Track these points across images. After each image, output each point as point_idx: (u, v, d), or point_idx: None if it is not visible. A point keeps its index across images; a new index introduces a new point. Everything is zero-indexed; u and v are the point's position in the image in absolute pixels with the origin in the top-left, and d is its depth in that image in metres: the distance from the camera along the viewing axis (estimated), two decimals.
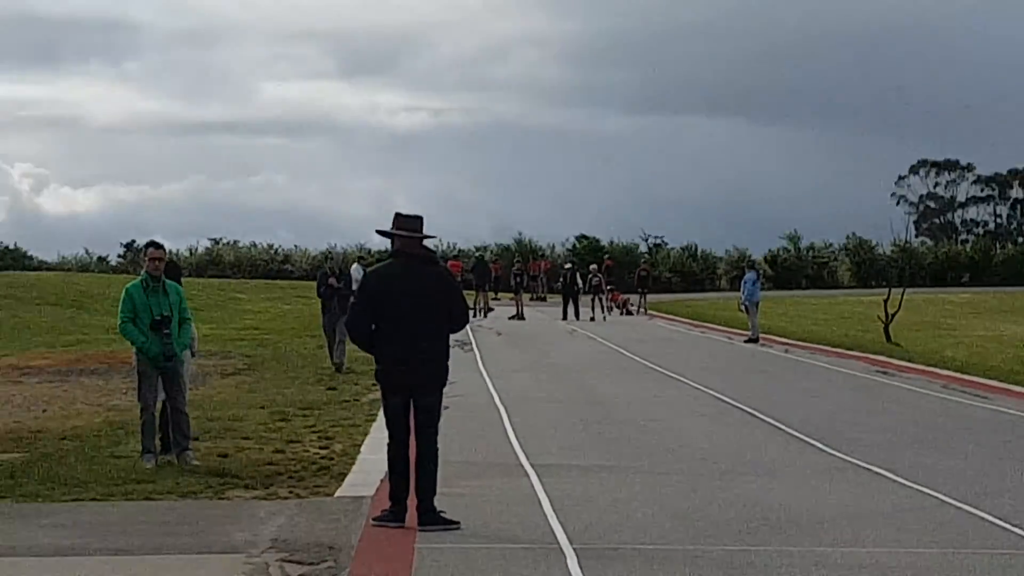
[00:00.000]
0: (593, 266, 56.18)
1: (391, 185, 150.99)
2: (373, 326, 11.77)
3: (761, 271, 40.26)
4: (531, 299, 60.15)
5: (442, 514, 11.72)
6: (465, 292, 47.05)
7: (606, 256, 64.79)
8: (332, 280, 27.91)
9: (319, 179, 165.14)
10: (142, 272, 15.52)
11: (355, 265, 47.02)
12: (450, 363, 12.16)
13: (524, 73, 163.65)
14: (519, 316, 51.02)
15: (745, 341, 37.96)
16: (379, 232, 12.24)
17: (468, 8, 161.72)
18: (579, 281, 52.88)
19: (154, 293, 15.27)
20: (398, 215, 11.95)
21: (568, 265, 56.13)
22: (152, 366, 15.23)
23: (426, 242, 12.07)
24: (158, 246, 15.62)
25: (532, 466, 15.09)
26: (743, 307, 38.92)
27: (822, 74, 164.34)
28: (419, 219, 11.94)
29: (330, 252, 28.08)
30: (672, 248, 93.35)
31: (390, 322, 11.70)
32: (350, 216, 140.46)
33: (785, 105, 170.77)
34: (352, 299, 12.01)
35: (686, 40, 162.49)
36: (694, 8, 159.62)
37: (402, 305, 11.66)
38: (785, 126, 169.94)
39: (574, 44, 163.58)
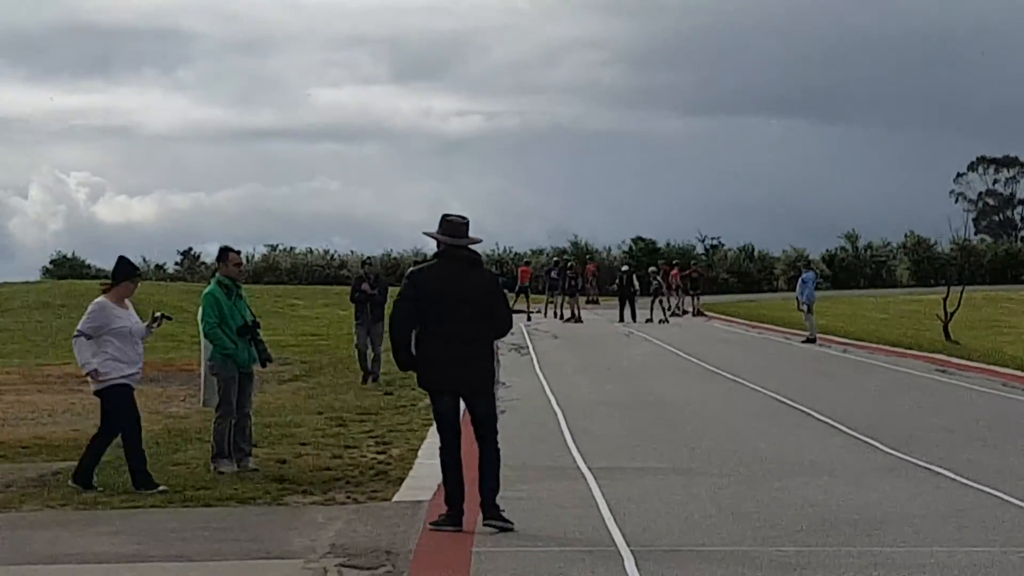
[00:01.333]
0: (652, 268, 56.08)
1: (445, 189, 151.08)
2: (415, 329, 11.77)
3: (817, 271, 39.96)
4: (586, 302, 60.11)
5: (502, 512, 11.72)
6: (538, 295, 46.62)
7: (692, 263, 64.86)
8: (366, 286, 26.73)
9: (373, 184, 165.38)
10: (219, 277, 15.47)
11: (411, 270, 47.23)
12: (503, 366, 12.14)
13: (578, 76, 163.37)
14: (576, 319, 51.07)
15: (803, 342, 37.81)
16: (426, 234, 12.25)
17: (520, 12, 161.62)
18: (635, 283, 52.79)
19: (237, 298, 15.34)
20: (444, 217, 11.94)
21: (624, 267, 56.05)
22: (239, 371, 15.28)
23: (477, 246, 12.06)
24: (237, 251, 15.72)
25: (589, 469, 15.08)
26: (804, 307, 38.72)
27: (880, 73, 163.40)
28: (464, 224, 11.91)
29: (369, 258, 27.74)
30: (729, 249, 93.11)
31: (432, 323, 11.68)
32: (405, 221, 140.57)
33: (842, 105, 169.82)
34: (397, 299, 12.00)
35: (743, 41, 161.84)
36: (750, 9, 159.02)
37: (445, 306, 11.65)
38: (842, 126, 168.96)
39: (628, 47, 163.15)
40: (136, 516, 12.73)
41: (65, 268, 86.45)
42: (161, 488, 13.96)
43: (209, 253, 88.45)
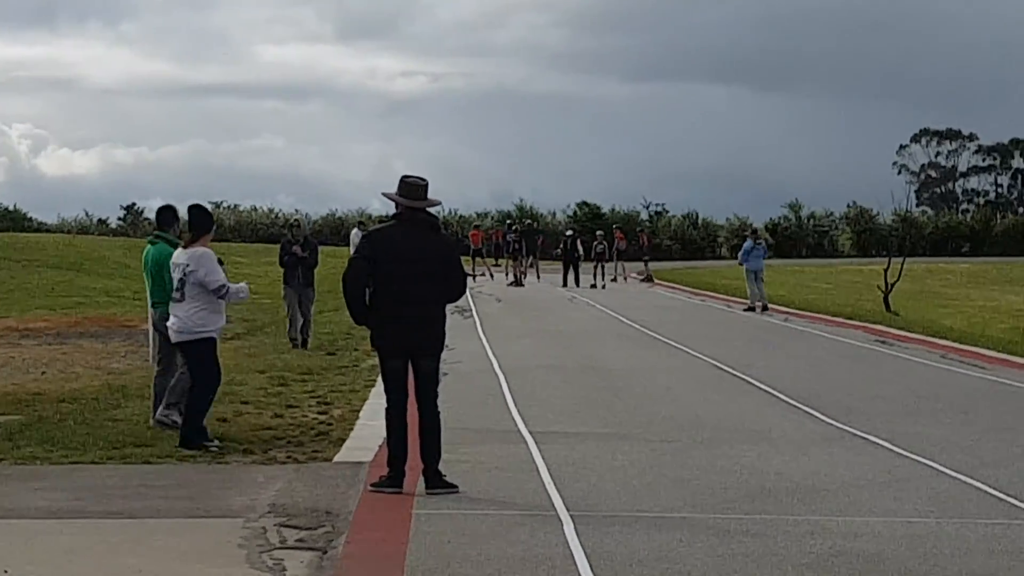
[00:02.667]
0: (600, 232, 56.22)
1: (390, 150, 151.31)
2: (370, 289, 11.78)
3: (761, 240, 39.78)
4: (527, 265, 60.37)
5: (444, 478, 11.77)
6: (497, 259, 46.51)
7: (639, 230, 65.18)
8: (296, 248, 25.57)
9: (318, 143, 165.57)
10: (170, 236, 15.10)
11: (355, 230, 46.89)
12: (448, 329, 12.15)
13: (524, 38, 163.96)
14: (518, 281, 51.21)
15: (744, 309, 37.93)
16: (385, 195, 12.21)
17: None
18: (579, 248, 52.87)
19: None
20: (403, 179, 11.91)
21: (569, 232, 56.12)
22: None
23: (433, 209, 12.07)
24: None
25: (530, 433, 15.11)
26: (741, 264, 38.88)
27: (824, 42, 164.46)
28: (423, 186, 11.89)
29: (296, 219, 25.88)
30: (673, 216, 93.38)
31: (386, 284, 11.69)
32: (349, 180, 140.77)
33: (787, 73, 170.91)
34: (352, 256, 12.05)
35: (688, 7, 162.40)
36: None
37: (400, 268, 11.65)
38: (787, 94, 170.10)
39: (575, 10, 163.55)
40: (75, 472, 12.68)
41: (7, 221, 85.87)
42: (216, 444, 13.93)
43: (153, 208, 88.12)
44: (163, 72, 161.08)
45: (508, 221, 62.83)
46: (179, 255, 14.27)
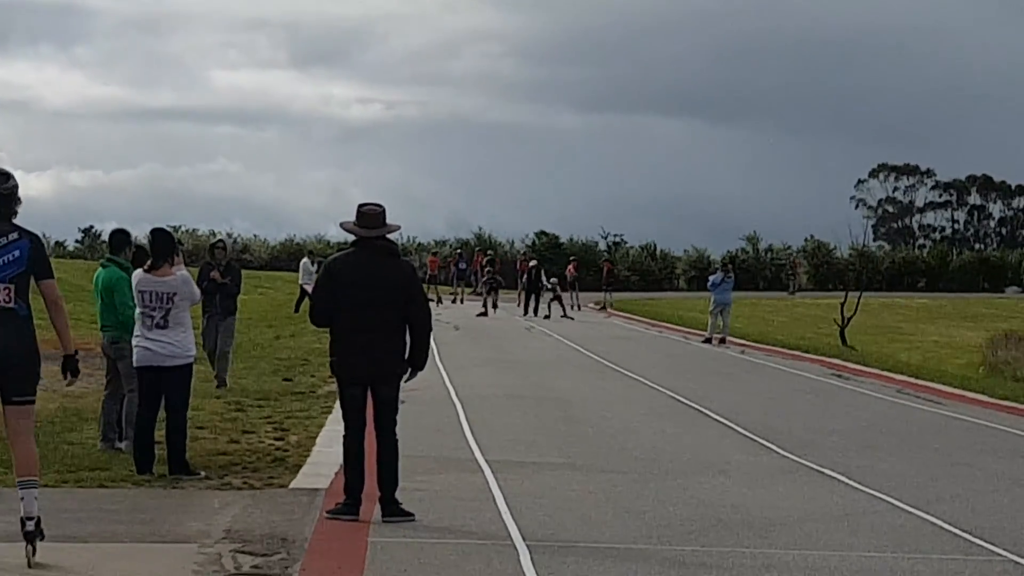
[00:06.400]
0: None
1: (346, 177, 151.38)
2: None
3: (731, 275, 39.14)
4: (472, 292, 60.71)
5: (400, 506, 11.75)
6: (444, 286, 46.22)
7: (605, 260, 65.74)
8: (216, 274, 22.56)
9: (273, 169, 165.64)
10: (122, 261, 14.97)
11: (304, 260, 46.49)
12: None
13: (478, 68, 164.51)
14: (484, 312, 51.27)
15: (702, 341, 37.90)
16: (343, 226, 12.17)
17: (419, 2, 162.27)
18: (543, 278, 52.84)
19: None
20: (360, 208, 11.90)
21: (533, 262, 56.10)
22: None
23: (392, 234, 12.05)
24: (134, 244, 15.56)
25: (487, 462, 15.10)
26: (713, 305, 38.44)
27: (782, 76, 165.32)
28: (380, 214, 11.88)
29: (220, 240, 22.71)
30: (631, 247, 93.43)
31: (347, 312, 11.69)
32: (305, 207, 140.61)
33: (744, 106, 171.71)
34: (314, 287, 12.07)
35: (644, 39, 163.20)
36: (652, 7, 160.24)
37: (360, 295, 11.65)
38: (744, 128, 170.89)
39: (528, 40, 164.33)
40: None
41: None
42: (202, 474, 13.89)
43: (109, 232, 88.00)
44: (117, 96, 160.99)
45: (459, 251, 62.84)
46: (152, 282, 13.91)
